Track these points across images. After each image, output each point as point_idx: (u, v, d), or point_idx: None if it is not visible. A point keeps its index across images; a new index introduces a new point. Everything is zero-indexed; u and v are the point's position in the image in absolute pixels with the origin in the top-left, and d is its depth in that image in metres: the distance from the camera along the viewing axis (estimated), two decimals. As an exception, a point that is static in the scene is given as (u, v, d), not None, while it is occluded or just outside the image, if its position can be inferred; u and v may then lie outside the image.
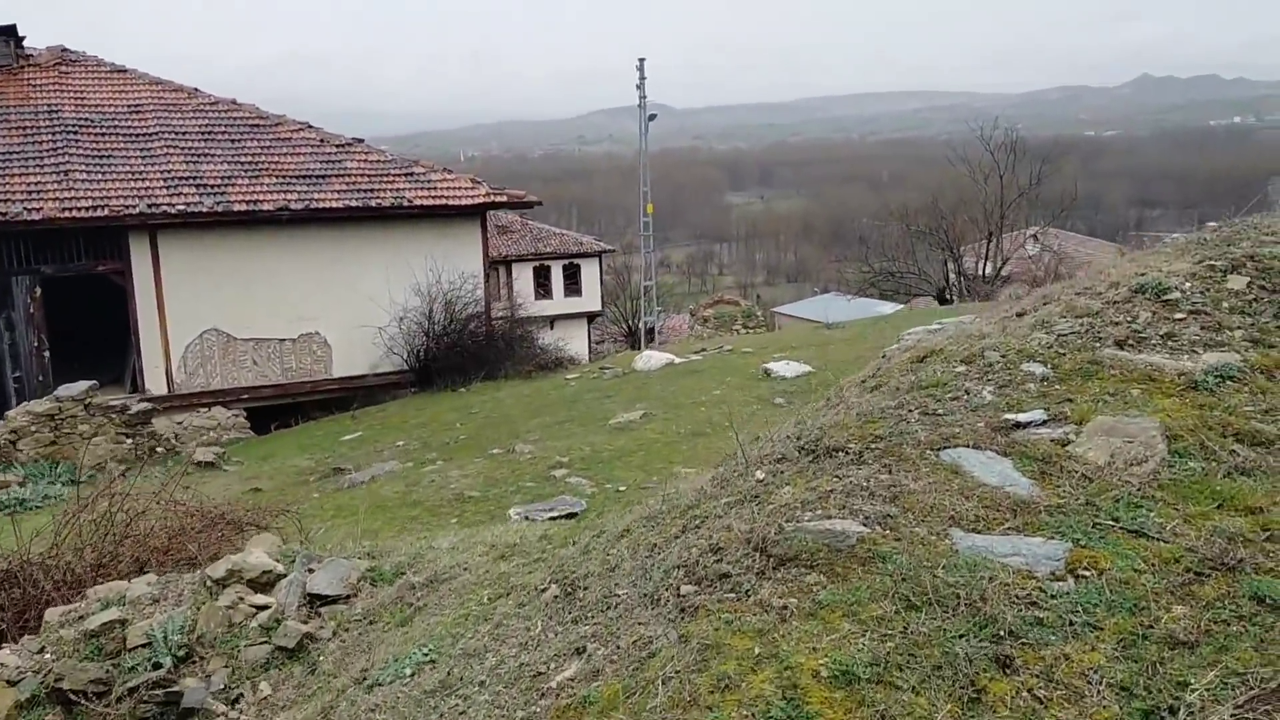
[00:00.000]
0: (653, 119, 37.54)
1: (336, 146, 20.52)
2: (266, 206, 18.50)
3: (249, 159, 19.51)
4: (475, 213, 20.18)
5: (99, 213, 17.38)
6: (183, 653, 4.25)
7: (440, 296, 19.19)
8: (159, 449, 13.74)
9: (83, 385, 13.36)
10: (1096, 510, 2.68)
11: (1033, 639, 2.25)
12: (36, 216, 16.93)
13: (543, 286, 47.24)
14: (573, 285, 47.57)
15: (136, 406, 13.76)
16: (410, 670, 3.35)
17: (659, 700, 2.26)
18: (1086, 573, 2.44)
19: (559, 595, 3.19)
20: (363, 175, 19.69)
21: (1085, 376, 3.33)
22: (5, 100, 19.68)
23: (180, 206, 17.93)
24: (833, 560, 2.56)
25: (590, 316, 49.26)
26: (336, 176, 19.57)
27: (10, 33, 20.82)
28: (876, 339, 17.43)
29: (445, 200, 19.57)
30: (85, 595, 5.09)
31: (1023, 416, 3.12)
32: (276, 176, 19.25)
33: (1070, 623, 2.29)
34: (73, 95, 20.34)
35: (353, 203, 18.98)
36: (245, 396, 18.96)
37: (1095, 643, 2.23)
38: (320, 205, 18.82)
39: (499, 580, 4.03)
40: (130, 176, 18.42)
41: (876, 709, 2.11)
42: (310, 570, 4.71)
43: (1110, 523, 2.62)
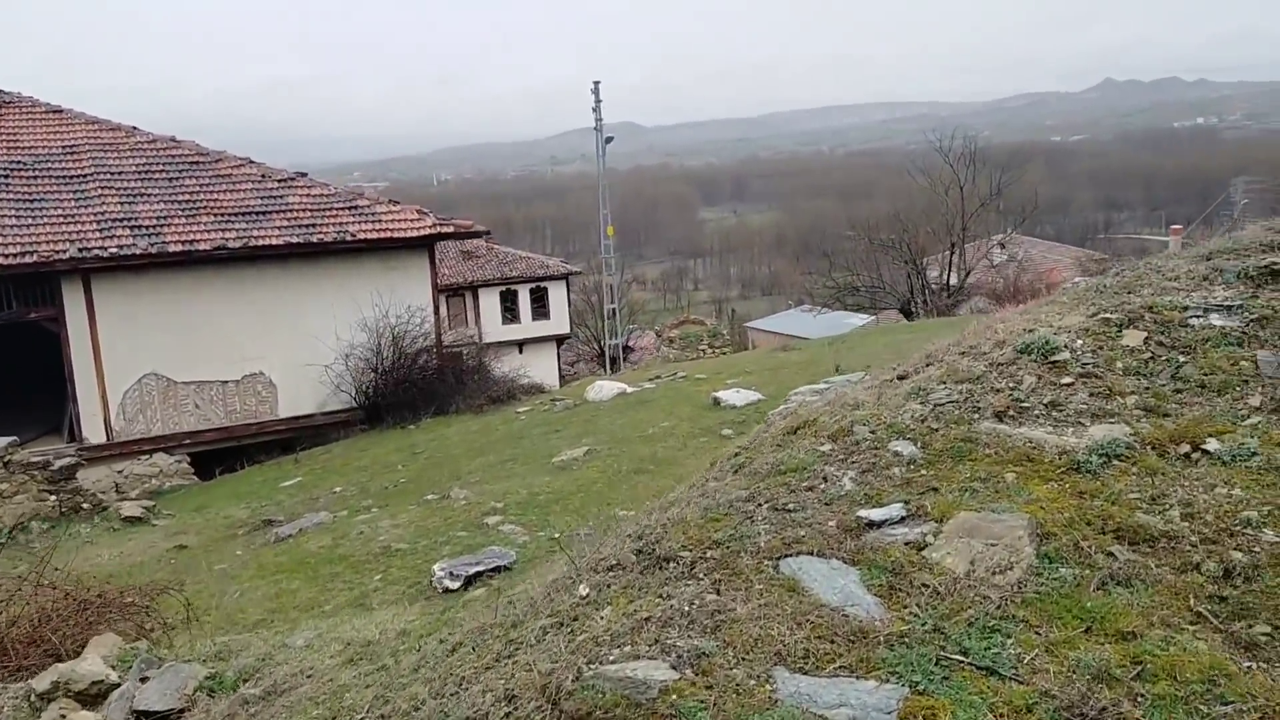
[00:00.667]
0: (610, 141, 37.25)
1: (278, 181, 20.04)
2: (203, 246, 18.00)
3: (186, 197, 19.01)
4: (422, 244, 19.73)
5: (28, 259, 16.84)
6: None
7: (388, 331, 18.72)
8: (84, 505, 13.17)
9: (1, 441, 12.80)
10: (945, 639, 2.28)
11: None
12: (-37, 265, 16.39)
13: (510, 311, 46.78)
14: (540, 308, 47.12)
15: (60, 461, 13.20)
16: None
17: None
18: (920, 731, 2.04)
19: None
20: (305, 210, 19.23)
21: (957, 457, 2.95)
22: (-66, 146, 19.14)
23: (113, 249, 17.41)
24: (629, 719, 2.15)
25: (559, 339, 48.81)
26: (278, 212, 19.09)
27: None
28: (831, 361, 17.11)
29: (390, 232, 19.13)
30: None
31: (878, 513, 2.73)
32: (215, 215, 18.75)
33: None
34: (5, 138, 19.79)
35: (294, 239, 18.50)
36: (188, 441, 18.40)
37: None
38: (260, 243, 18.33)
39: (334, 697, 3.60)
40: (62, 220, 17.88)
41: None
42: (144, 679, 4.25)
43: (958, 657, 2.22)
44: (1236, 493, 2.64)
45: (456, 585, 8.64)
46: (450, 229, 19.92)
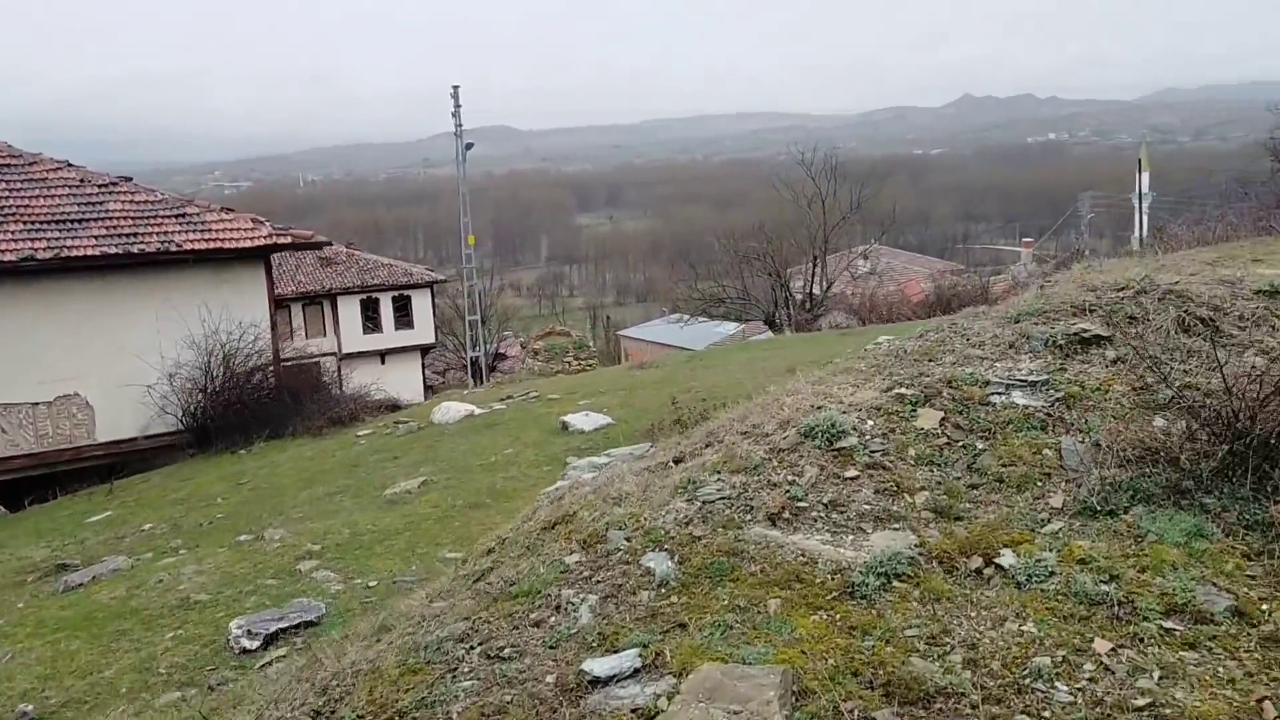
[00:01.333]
0: (470, 147, 36.33)
1: (99, 186, 18.54)
2: (9, 256, 16.46)
3: (-8, 203, 17.39)
4: (257, 255, 18.56)
5: None
6: None
7: (218, 349, 17.50)
8: None
9: None
10: None
11: None
12: None
13: (371, 320, 45.27)
14: (404, 317, 45.76)
15: None
16: None
17: None
18: None
19: None
20: (127, 218, 17.82)
21: (716, 577, 2.45)
22: None
23: (-99, 259, 15.74)
24: None
25: (424, 349, 47.51)
26: (96, 220, 17.64)
27: None
28: (686, 379, 16.78)
29: (221, 243, 17.91)
30: None
31: (608, 664, 2.20)
32: (24, 222, 17.19)
33: None
34: None
35: (112, 249, 17.11)
36: (-8, 469, 16.79)
37: None
38: (75, 253, 16.87)
39: None
40: None
41: None
42: None
43: None
44: (1029, 629, 2.22)
45: (255, 645, 7.85)
46: (288, 239, 18.79)
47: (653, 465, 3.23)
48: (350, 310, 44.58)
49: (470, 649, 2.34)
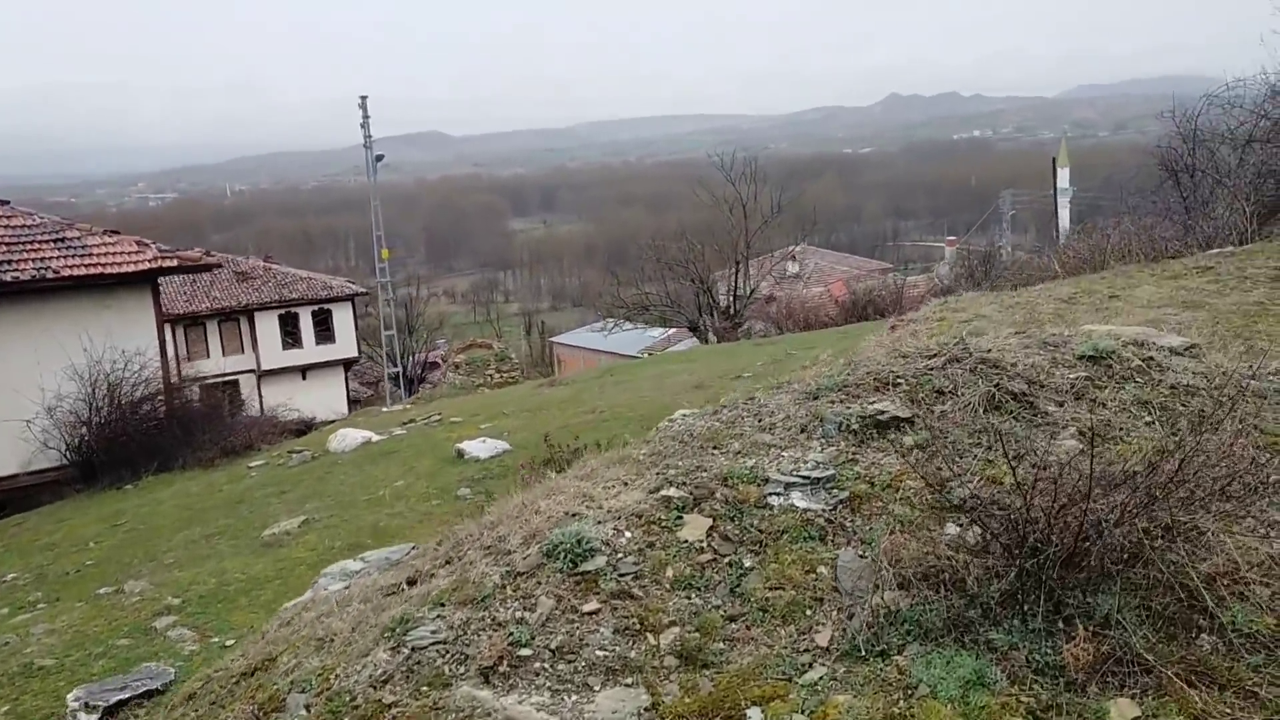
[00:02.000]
0: (380, 159, 35.48)
1: (-30, 210, 17.53)
2: None
3: None
4: (144, 279, 17.69)
5: None
6: None
7: (102, 379, 16.61)
8: None
9: None
10: None
11: None
12: None
13: (291, 335, 44.06)
14: (324, 332, 44.62)
15: None
16: None
17: None
18: None
19: None
20: (0, 244, 16.85)
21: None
22: None
23: None
24: None
25: (347, 363, 46.42)
26: (-35, 247, 16.64)
27: None
28: (594, 397, 16.32)
29: (103, 268, 17.02)
30: None
31: None
32: (-114, 249, 16.16)
33: None
34: None
35: (-17, 277, 16.14)
36: None
37: None
38: (-60, 282, 15.90)
39: None
40: None
41: None
42: None
43: None
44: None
45: (93, 719, 7.24)
46: (174, 262, 17.93)
47: (386, 586, 2.78)
48: (269, 326, 43.38)
49: None
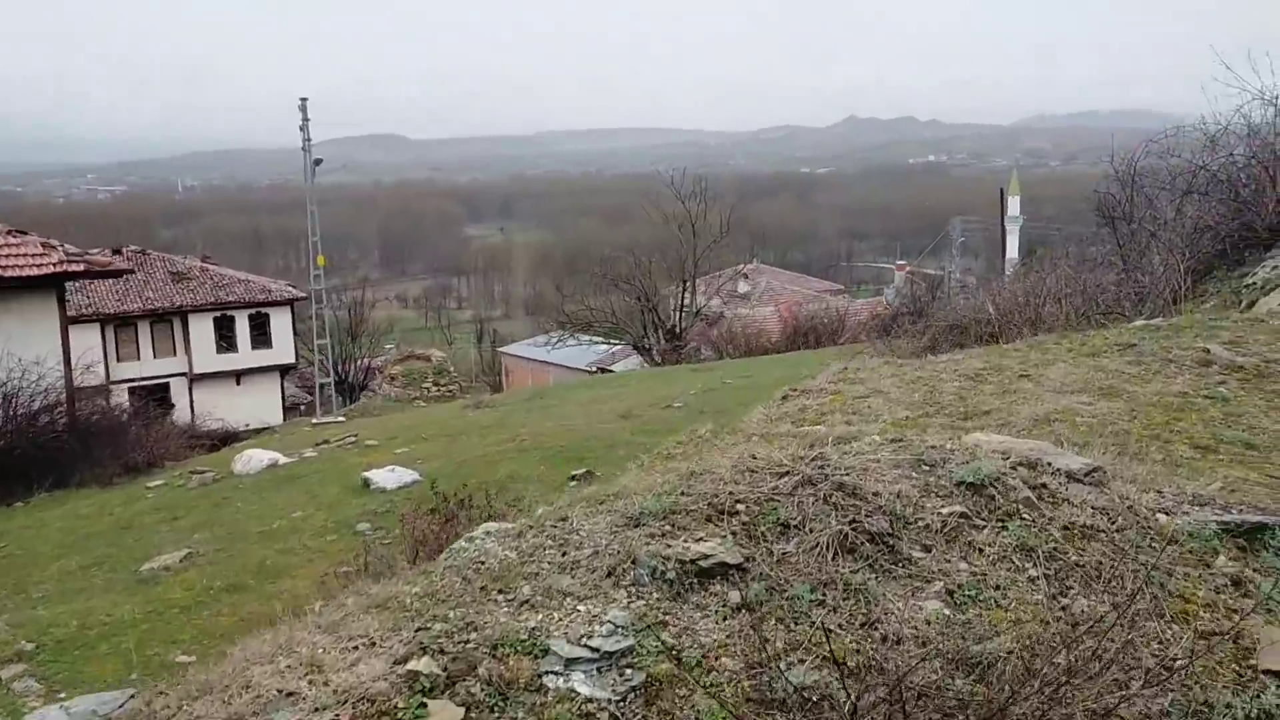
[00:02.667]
0: (319, 163, 34.51)
1: None
2: None
3: None
4: (48, 284, 16.74)
5: None
6: None
7: (-4, 388, 15.66)
8: None
9: None
10: None
11: None
12: None
13: (226, 339, 42.84)
14: (261, 336, 43.44)
15: None
16: None
17: None
18: None
19: None
20: (-111, 241, 15.85)
21: None
22: None
23: None
24: None
25: (284, 369, 45.25)
26: None
27: None
28: (518, 422, 15.68)
29: (1, 270, 16.06)
30: None
31: None
32: None
33: None
34: None
35: None
36: None
37: None
38: None
39: None
40: None
41: None
42: None
43: None
44: None
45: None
46: (81, 266, 16.99)
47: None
48: (203, 329, 42.17)
49: None
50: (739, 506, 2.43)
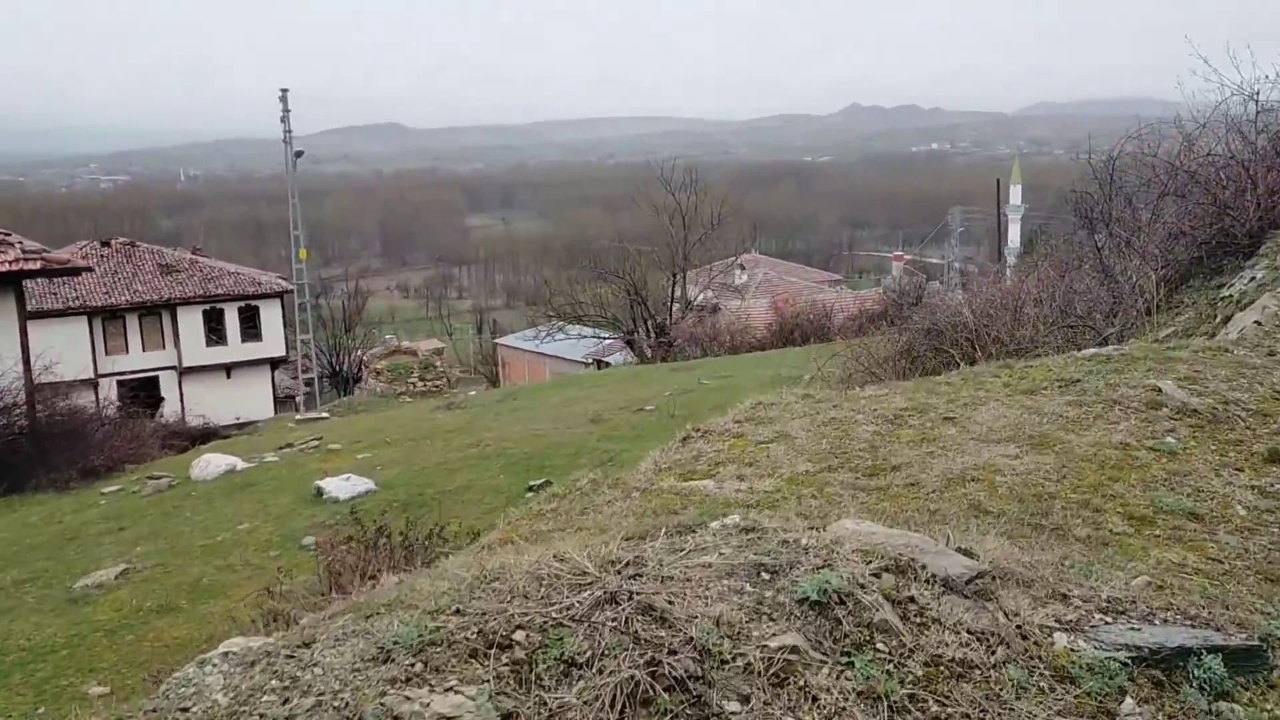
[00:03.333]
0: (300, 155, 33.94)
1: None
2: None
3: None
4: (5, 282, 16.26)
5: None
6: None
7: (-50, 391, 15.20)
8: None
9: None
10: None
11: None
12: None
13: (215, 332, 42.31)
14: (251, 329, 42.90)
15: None
16: None
17: None
18: None
19: None
20: None
21: None
22: None
23: None
24: None
25: (274, 363, 44.73)
26: None
27: None
28: (485, 427, 15.19)
29: (-46, 268, 15.58)
30: None
31: None
32: None
33: None
34: None
35: None
36: None
37: None
38: None
39: None
40: None
41: None
42: None
43: None
44: None
45: None
46: (38, 264, 16.49)
47: None
48: (192, 321, 41.67)
49: None
50: (517, 635, 1.89)
